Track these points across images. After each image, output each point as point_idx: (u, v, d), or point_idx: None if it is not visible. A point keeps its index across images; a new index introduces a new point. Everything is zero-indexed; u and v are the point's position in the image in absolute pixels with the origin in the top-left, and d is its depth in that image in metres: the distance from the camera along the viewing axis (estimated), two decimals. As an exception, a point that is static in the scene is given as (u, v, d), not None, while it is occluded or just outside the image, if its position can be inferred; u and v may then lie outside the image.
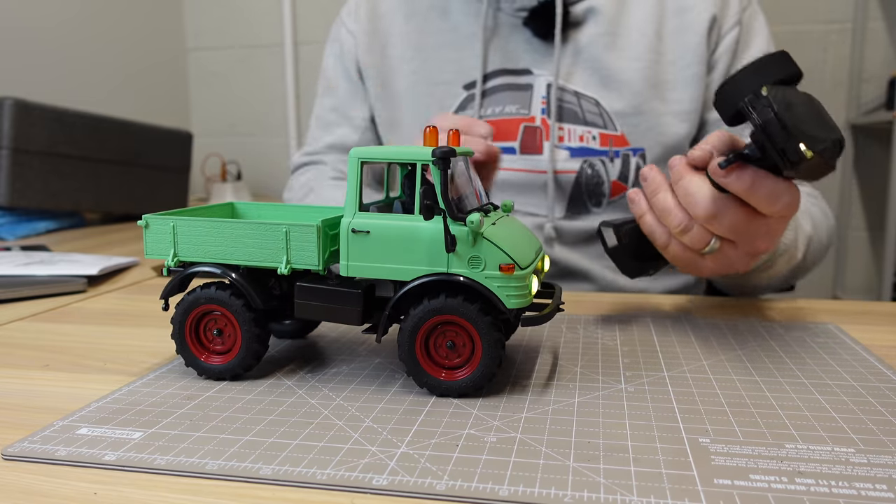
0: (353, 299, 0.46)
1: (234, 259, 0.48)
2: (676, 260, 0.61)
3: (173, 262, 0.49)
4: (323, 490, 0.34)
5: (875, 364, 0.51)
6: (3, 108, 1.22)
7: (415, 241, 0.44)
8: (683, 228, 0.56)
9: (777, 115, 0.47)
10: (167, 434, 0.40)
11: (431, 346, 0.45)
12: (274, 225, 0.46)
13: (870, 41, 1.97)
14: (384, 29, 0.94)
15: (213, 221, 0.48)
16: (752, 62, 0.51)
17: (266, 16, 2.22)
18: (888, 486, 0.33)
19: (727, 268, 0.60)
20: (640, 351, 0.54)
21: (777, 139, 0.47)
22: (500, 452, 0.37)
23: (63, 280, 0.78)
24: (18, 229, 1.24)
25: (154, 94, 2.13)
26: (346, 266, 0.46)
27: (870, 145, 2.03)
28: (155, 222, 0.49)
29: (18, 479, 0.35)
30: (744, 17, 0.87)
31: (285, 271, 0.46)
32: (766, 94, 0.47)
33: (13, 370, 0.52)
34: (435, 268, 0.44)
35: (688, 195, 0.55)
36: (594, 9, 0.85)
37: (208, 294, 0.48)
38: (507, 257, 0.43)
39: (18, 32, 1.61)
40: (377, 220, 0.45)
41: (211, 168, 2.11)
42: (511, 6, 0.86)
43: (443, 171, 0.43)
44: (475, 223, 0.42)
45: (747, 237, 0.56)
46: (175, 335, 0.49)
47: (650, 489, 0.33)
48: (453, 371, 0.45)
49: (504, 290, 0.43)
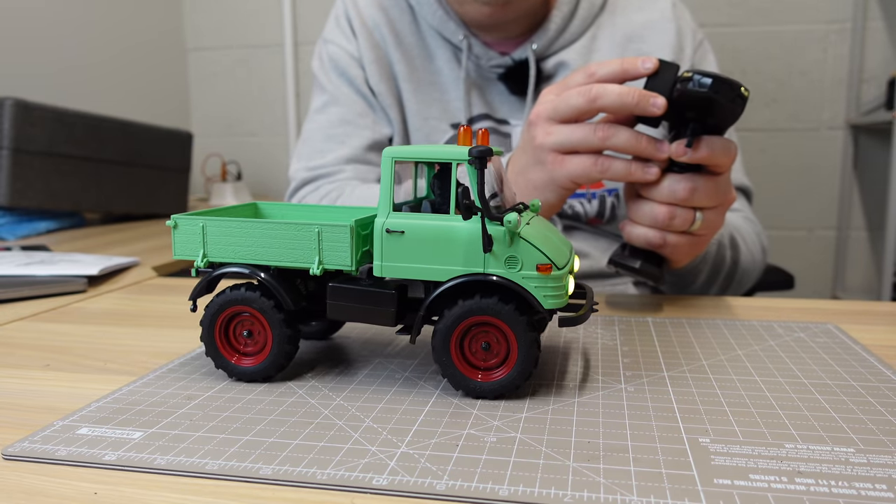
0: (387, 300, 0.46)
1: (264, 259, 0.47)
2: (677, 247, 0.66)
3: (203, 263, 0.48)
4: (323, 490, 0.34)
5: (875, 364, 0.51)
6: (3, 108, 1.22)
7: (450, 241, 0.44)
8: (669, 216, 0.63)
9: (716, 76, 0.57)
10: (167, 434, 0.40)
11: (466, 347, 0.45)
12: (306, 225, 0.46)
13: (870, 41, 1.97)
14: (386, 57, 0.94)
15: (244, 221, 0.47)
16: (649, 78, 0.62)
17: (266, 16, 2.22)
18: (888, 486, 0.33)
19: (715, 230, 0.68)
20: (640, 351, 0.54)
21: (726, 93, 0.57)
22: (500, 452, 0.37)
23: (63, 280, 0.78)
24: (18, 229, 1.24)
25: (154, 94, 2.13)
26: (380, 266, 0.45)
27: (870, 145, 2.03)
28: (184, 223, 0.48)
29: (19, 479, 0.35)
30: (695, 59, 0.93)
31: (318, 272, 0.46)
32: (691, 73, 0.58)
33: (13, 370, 0.52)
34: (471, 268, 0.44)
35: (663, 188, 0.63)
36: (564, 63, 0.90)
37: (239, 295, 0.47)
38: (544, 257, 0.43)
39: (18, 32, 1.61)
40: (412, 220, 0.44)
41: (211, 168, 2.11)
42: (488, 63, 0.90)
43: (479, 171, 0.43)
44: (513, 223, 0.42)
45: (717, 195, 0.64)
46: (205, 338, 0.48)
47: (650, 489, 0.33)
48: (490, 372, 0.45)
49: (541, 291, 0.43)
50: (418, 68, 0.93)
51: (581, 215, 0.91)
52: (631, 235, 0.67)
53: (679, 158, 0.61)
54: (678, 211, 0.63)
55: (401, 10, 0.94)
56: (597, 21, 0.92)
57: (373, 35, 0.94)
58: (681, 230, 0.65)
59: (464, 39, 0.89)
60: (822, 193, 2.09)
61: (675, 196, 0.62)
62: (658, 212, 0.63)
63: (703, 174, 0.63)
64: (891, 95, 1.83)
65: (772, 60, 2.00)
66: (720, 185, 0.64)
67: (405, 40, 0.94)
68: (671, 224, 0.64)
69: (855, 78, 1.98)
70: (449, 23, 0.90)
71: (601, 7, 0.92)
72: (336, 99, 0.96)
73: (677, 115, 0.62)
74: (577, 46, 0.90)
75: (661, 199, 0.63)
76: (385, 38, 0.94)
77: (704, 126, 0.61)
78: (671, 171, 0.63)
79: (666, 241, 0.65)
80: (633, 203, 0.66)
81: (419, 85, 0.93)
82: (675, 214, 0.63)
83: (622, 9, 0.93)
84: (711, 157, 0.61)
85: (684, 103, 0.60)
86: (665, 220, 0.63)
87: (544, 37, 0.89)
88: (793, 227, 2.11)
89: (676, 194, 0.62)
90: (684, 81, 0.59)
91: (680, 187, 0.62)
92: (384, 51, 0.94)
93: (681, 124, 0.63)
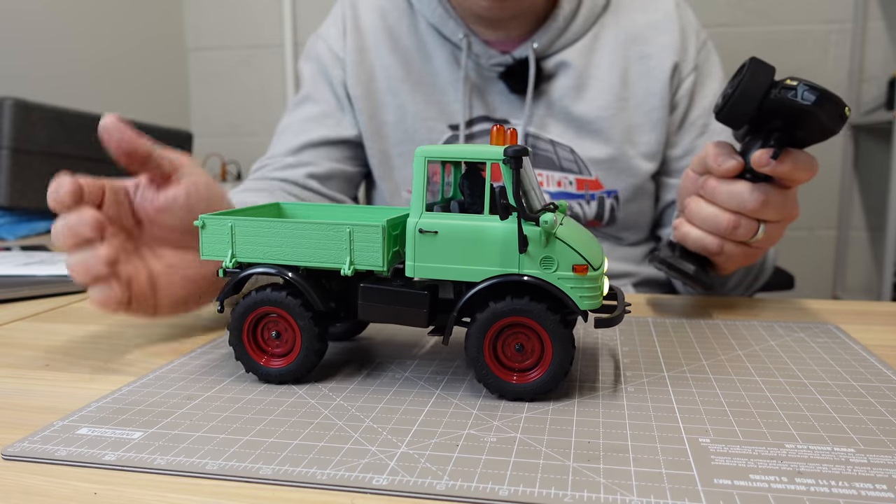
0: (420, 301, 0.45)
1: (294, 260, 0.47)
2: (732, 257, 0.64)
3: (231, 263, 0.48)
4: (323, 490, 0.34)
5: (875, 364, 0.51)
6: (3, 108, 1.22)
7: (484, 241, 0.43)
8: (733, 225, 0.60)
9: (822, 91, 0.54)
10: (167, 434, 0.40)
11: (499, 348, 0.45)
12: (338, 225, 0.45)
13: (870, 41, 1.97)
14: (370, 61, 0.95)
15: (274, 221, 0.47)
16: (741, 73, 0.58)
17: (266, 16, 2.22)
18: (888, 486, 0.33)
19: (772, 243, 0.65)
20: (640, 351, 0.54)
21: (829, 111, 0.54)
22: (500, 452, 0.37)
23: (63, 280, 0.78)
24: (18, 229, 1.24)
25: (154, 94, 2.13)
26: (413, 267, 0.45)
27: (870, 145, 2.03)
28: (212, 223, 0.48)
29: (18, 479, 0.35)
30: (699, 59, 0.92)
31: (349, 272, 0.45)
32: (795, 83, 0.55)
33: (13, 370, 0.52)
34: (506, 269, 0.43)
35: (733, 195, 0.60)
36: (565, 62, 0.90)
37: (268, 296, 0.47)
38: (580, 258, 0.43)
39: (18, 32, 1.61)
40: (445, 221, 0.44)
41: (211, 168, 2.11)
42: (488, 62, 0.90)
43: (515, 171, 0.43)
44: (549, 223, 0.41)
45: (785, 209, 0.61)
46: (233, 340, 0.48)
47: (650, 489, 0.33)
48: (525, 373, 0.44)
49: (577, 292, 0.43)
50: (416, 70, 0.93)
51: (580, 217, 0.91)
52: (686, 237, 0.64)
53: (761, 169, 0.58)
54: (743, 221, 0.60)
55: (400, 11, 0.94)
56: (599, 21, 0.92)
57: (365, 38, 0.95)
58: (741, 241, 0.62)
59: (464, 38, 0.89)
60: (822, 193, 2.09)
61: (744, 206, 0.60)
62: (722, 219, 0.60)
63: (776, 186, 0.60)
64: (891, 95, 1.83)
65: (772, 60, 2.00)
66: (789, 199, 0.61)
67: (402, 42, 0.93)
68: (733, 233, 0.61)
69: (855, 78, 1.98)
70: (449, 21, 0.90)
71: (604, 7, 0.92)
72: (311, 96, 0.97)
73: (763, 120, 0.58)
74: (579, 46, 0.90)
75: (728, 206, 0.60)
76: (379, 42, 0.94)
77: (791, 137, 0.58)
78: (742, 178, 0.60)
79: (723, 249, 0.62)
80: (694, 204, 0.63)
81: (417, 86, 0.92)
82: (739, 224, 0.60)
83: (625, 9, 0.93)
84: (794, 171, 0.58)
85: (778, 111, 0.56)
86: (728, 228, 0.60)
87: (545, 36, 0.89)
88: (793, 227, 2.10)
89: (746, 205, 0.59)
90: (786, 89, 0.55)
91: (751, 198, 0.59)
92: (375, 54, 0.94)
93: (763, 130, 0.59)
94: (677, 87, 0.91)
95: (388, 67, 0.93)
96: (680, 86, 0.91)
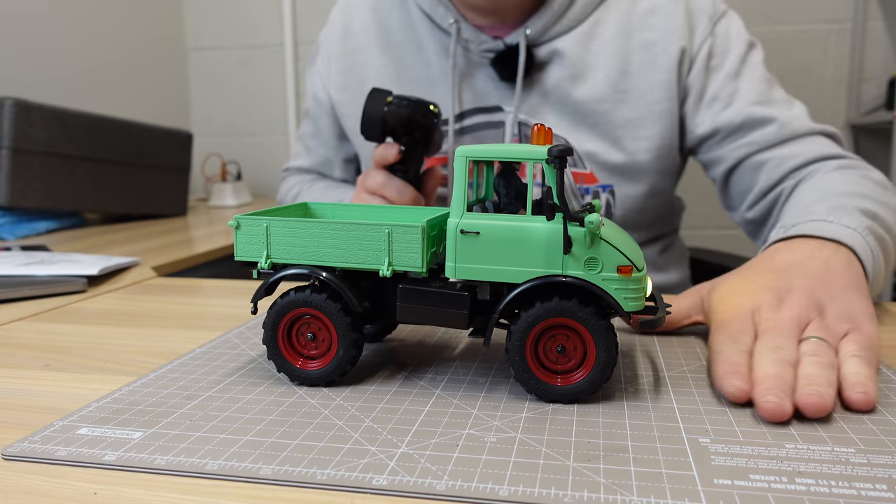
0: (460, 302, 0.45)
1: (330, 261, 0.46)
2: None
3: (267, 265, 0.47)
4: (323, 490, 0.34)
5: (875, 364, 0.51)
6: (3, 108, 1.22)
7: (527, 242, 0.43)
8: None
9: (410, 98, 0.75)
10: (167, 434, 0.40)
11: (540, 350, 0.44)
12: (377, 226, 0.45)
13: (870, 41, 1.97)
14: (361, 63, 0.95)
15: (310, 222, 0.46)
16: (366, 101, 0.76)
17: (266, 16, 2.22)
18: (888, 486, 0.33)
19: None
20: (640, 351, 0.54)
21: (420, 110, 0.75)
22: (500, 452, 0.37)
23: (63, 280, 0.78)
24: (18, 229, 1.24)
25: (154, 94, 2.13)
26: (453, 268, 0.44)
27: (870, 145, 2.03)
28: (247, 223, 0.47)
29: (18, 479, 0.35)
30: (715, 32, 0.87)
31: (388, 273, 0.45)
32: (392, 98, 0.75)
33: (13, 370, 0.52)
34: (549, 270, 0.43)
35: None
36: (558, 51, 0.87)
37: (304, 297, 0.46)
38: (625, 259, 0.42)
39: (18, 32, 1.61)
40: (487, 221, 0.44)
41: (211, 168, 2.11)
42: (478, 48, 0.88)
43: (559, 171, 0.42)
44: (594, 224, 0.41)
45: None
46: (267, 340, 0.47)
47: (650, 489, 0.33)
48: (568, 375, 0.44)
49: (622, 293, 0.42)
50: (408, 66, 0.92)
51: None
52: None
53: None
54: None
55: (391, 3, 0.94)
56: (601, 6, 0.88)
57: (357, 39, 0.95)
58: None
59: (454, 24, 0.87)
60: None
61: None
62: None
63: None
64: (891, 95, 1.83)
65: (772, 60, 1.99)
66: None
67: (394, 38, 0.93)
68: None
69: (855, 78, 1.98)
70: (439, 7, 0.88)
71: None
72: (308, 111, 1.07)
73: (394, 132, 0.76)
74: (575, 34, 0.87)
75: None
76: (371, 42, 0.94)
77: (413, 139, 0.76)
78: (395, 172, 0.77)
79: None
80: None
81: (409, 84, 0.92)
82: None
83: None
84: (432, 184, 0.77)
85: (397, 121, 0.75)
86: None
87: (540, 21, 0.86)
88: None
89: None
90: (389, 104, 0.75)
91: None
92: (367, 56, 0.94)
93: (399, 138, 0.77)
94: (687, 72, 0.87)
95: (380, 68, 0.93)
96: (690, 69, 0.86)
